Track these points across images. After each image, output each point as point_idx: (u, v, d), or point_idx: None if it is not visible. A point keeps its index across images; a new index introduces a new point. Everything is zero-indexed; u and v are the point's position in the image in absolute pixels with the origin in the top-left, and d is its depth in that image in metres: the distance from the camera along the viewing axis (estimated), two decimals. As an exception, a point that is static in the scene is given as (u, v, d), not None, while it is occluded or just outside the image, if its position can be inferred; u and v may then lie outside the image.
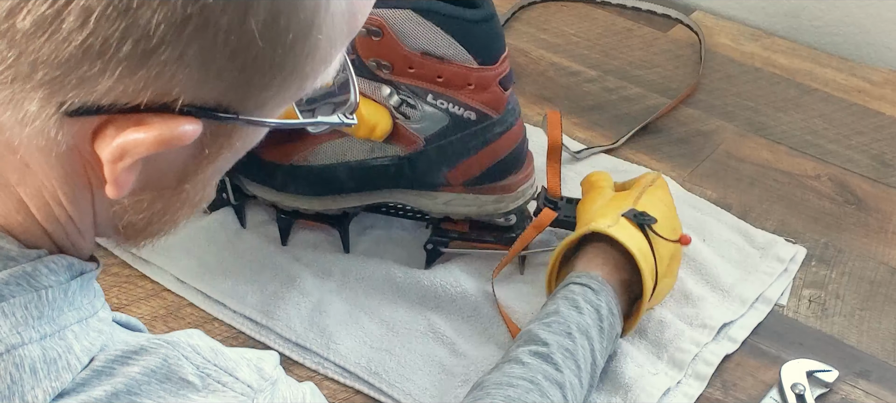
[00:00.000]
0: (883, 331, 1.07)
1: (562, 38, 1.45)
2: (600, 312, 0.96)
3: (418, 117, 1.02)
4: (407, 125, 1.03)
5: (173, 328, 1.06)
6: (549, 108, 1.32)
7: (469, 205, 1.06)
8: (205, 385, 0.63)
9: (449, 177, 1.06)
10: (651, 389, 0.99)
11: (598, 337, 0.95)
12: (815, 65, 1.41)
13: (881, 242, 1.16)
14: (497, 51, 1.01)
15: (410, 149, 1.04)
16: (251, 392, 0.64)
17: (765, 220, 1.18)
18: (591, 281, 0.97)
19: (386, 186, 1.07)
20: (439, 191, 1.07)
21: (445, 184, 1.06)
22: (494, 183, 1.06)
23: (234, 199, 1.13)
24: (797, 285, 1.11)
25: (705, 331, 1.04)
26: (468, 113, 1.02)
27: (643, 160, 1.25)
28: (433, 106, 1.02)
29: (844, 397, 1.00)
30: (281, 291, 1.08)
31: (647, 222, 1.00)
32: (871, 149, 1.28)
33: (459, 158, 1.04)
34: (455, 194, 1.06)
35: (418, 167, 1.05)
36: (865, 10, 1.43)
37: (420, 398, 0.99)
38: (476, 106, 1.02)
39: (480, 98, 1.02)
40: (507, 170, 1.06)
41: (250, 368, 0.66)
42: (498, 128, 1.04)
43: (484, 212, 1.07)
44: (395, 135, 1.03)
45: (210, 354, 0.64)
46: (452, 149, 1.04)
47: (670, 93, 1.35)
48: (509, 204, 1.07)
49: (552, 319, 0.94)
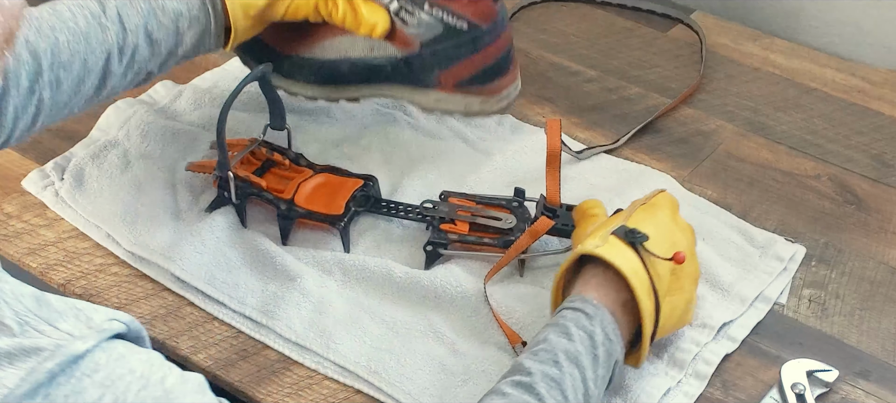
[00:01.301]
0: (883, 331, 1.07)
1: (562, 38, 1.45)
2: (594, 338, 0.91)
3: (415, 23, 1.11)
4: (404, 29, 1.12)
5: (173, 328, 1.07)
6: (550, 108, 1.32)
7: (457, 105, 1.15)
8: (22, 332, 0.65)
9: (441, 79, 1.15)
10: (651, 389, 0.99)
11: (591, 365, 0.90)
12: (815, 65, 1.41)
13: (881, 242, 1.16)
14: None
15: (406, 51, 1.14)
16: (69, 338, 0.65)
17: (765, 220, 1.18)
18: (585, 306, 0.93)
19: (384, 81, 1.16)
20: (432, 89, 1.16)
21: (438, 85, 1.15)
22: (482, 85, 1.15)
23: (235, 198, 1.13)
24: (797, 285, 1.11)
25: (705, 331, 1.04)
26: (460, 23, 1.11)
27: (643, 160, 1.25)
28: (429, 14, 1.11)
29: (844, 397, 1.00)
30: (281, 291, 1.08)
31: (638, 240, 0.95)
32: (871, 149, 1.28)
33: (451, 62, 1.13)
34: (445, 94, 1.16)
35: (413, 68, 1.14)
36: (865, 10, 1.43)
37: (420, 398, 0.99)
38: (468, 16, 1.11)
39: (472, 9, 1.11)
40: (493, 75, 1.15)
41: (78, 319, 0.67)
42: (487, 38, 1.13)
43: (470, 111, 1.16)
44: (393, 36, 1.13)
45: (33, 304, 0.66)
46: (445, 54, 1.13)
47: (670, 93, 1.35)
48: (493, 105, 1.17)
49: (540, 348, 0.90)
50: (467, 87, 1.15)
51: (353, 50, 1.16)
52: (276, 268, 1.10)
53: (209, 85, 1.34)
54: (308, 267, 1.11)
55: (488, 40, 1.13)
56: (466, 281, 1.09)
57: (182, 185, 1.19)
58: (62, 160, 1.23)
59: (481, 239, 1.10)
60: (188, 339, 1.06)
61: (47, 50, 1.02)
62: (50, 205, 1.19)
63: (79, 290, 1.10)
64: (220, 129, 1.10)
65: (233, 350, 1.05)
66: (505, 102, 1.17)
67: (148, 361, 0.70)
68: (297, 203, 1.13)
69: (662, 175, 1.22)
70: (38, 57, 1.01)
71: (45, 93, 1.02)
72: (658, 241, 0.96)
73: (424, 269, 1.10)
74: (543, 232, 1.08)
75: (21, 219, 1.18)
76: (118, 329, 0.69)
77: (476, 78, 1.15)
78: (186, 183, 1.19)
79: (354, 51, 1.16)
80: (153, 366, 0.70)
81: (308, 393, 1.01)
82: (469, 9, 1.10)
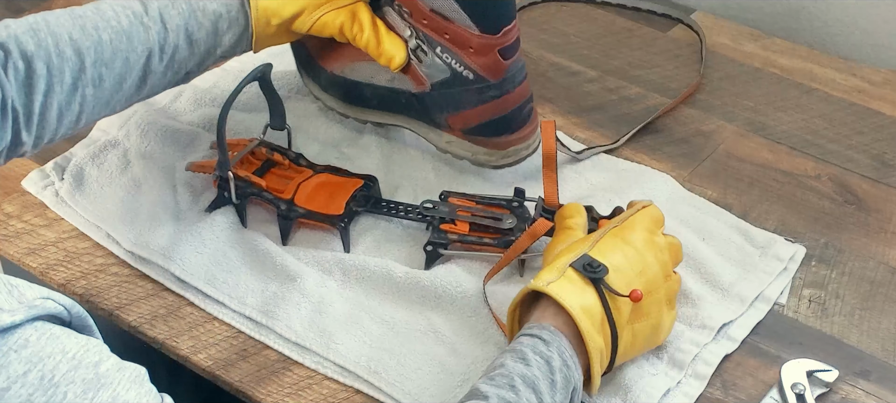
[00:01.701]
0: (883, 331, 1.07)
1: (562, 38, 1.45)
2: (551, 363, 0.90)
3: (428, 63, 1.14)
4: (419, 68, 1.14)
5: (173, 328, 1.07)
6: (550, 108, 1.32)
7: (465, 150, 1.15)
8: None
9: (450, 121, 1.16)
10: (651, 390, 0.99)
11: (549, 390, 0.89)
12: (815, 65, 1.41)
13: (881, 242, 1.16)
14: (500, 22, 1.10)
15: (419, 89, 1.16)
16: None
17: (765, 220, 1.18)
18: (542, 332, 0.92)
19: (402, 113, 1.19)
20: (443, 131, 1.17)
21: (447, 127, 1.17)
22: (488, 137, 1.16)
23: (235, 198, 1.13)
24: (797, 285, 1.11)
25: (705, 332, 1.04)
26: (467, 72, 1.12)
27: (643, 160, 1.25)
28: (440, 58, 1.13)
29: (844, 397, 1.00)
30: (281, 291, 1.08)
31: (598, 275, 0.94)
32: (871, 149, 1.28)
33: (458, 108, 1.14)
34: (455, 137, 1.17)
35: (425, 105, 1.17)
36: (865, 10, 1.43)
37: (420, 397, 0.99)
38: (474, 67, 1.11)
39: (479, 61, 1.11)
40: (501, 129, 1.15)
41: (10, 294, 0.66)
42: (492, 92, 1.13)
43: (477, 161, 1.17)
44: (409, 72, 1.16)
45: None
46: (452, 98, 1.14)
47: (670, 93, 1.35)
48: (499, 159, 1.17)
49: (496, 372, 0.89)
50: (474, 135, 1.16)
51: (376, 76, 1.19)
52: (276, 268, 1.10)
53: (209, 85, 1.34)
54: (308, 268, 1.11)
55: (494, 94, 1.13)
56: (467, 281, 1.09)
57: (182, 185, 1.19)
58: (62, 160, 1.23)
59: (481, 239, 1.10)
60: (188, 339, 1.06)
61: (91, 48, 1.04)
62: (50, 205, 1.19)
63: (79, 290, 1.10)
64: (221, 129, 1.10)
65: (233, 350, 1.05)
66: (512, 159, 1.16)
67: (84, 345, 0.69)
68: (296, 203, 1.13)
69: (662, 175, 1.22)
70: (81, 54, 1.04)
71: (88, 90, 1.05)
72: (622, 271, 0.96)
73: (424, 269, 1.10)
74: (542, 234, 1.08)
75: (21, 219, 1.18)
76: (52, 308, 0.68)
77: (483, 128, 1.15)
78: (186, 183, 1.19)
79: (378, 78, 1.19)
80: (89, 351, 0.68)
81: (308, 393, 1.01)
82: (477, 61, 1.11)
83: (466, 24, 1.09)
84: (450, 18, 1.10)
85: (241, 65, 1.38)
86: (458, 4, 1.09)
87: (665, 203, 1.17)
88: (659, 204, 1.11)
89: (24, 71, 1.00)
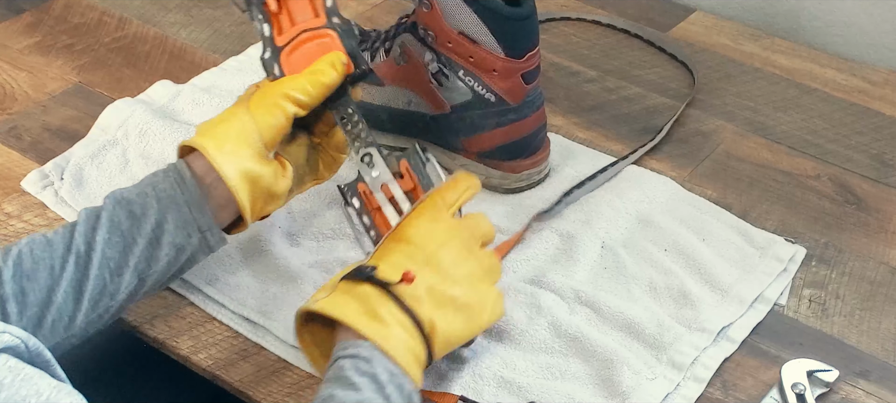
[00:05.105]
0: (883, 331, 1.07)
1: (562, 38, 1.45)
2: (378, 379, 0.86)
3: (449, 86, 1.15)
4: (439, 92, 1.16)
5: (173, 328, 1.06)
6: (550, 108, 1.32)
7: (479, 174, 1.13)
8: None
9: (465, 144, 1.18)
10: (648, 396, 0.99)
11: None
12: (815, 65, 1.41)
13: (881, 242, 1.16)
14: (525, 48, 1.13)
15: (437, 112, 1.18)
16: None
17: (765, 220, 1.18)
18: (360, 350, 0.87)
19: (417, 136, 1.18)
20: (458, 154, 1.19)
21: (462, 150, 1.19)
22: (502, 161, 1.18)
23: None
24: (797, 285, 1.11)
25: (704, 335, 1.04)
26: (489, 94, 1.15)
27: (643, 160, 1.25)
28: (462, 81, 1.15)
29: (845, 397, 1.00)
30: (281, 293, 1.08)
31: (364, 275, 0.91)
32: (871, 149, 1.28)
33: (475, 131, 1.17)
34: (469, 161, 1.19)
35: (441, 128, 1.19)
36: (865, 10, 1.43)
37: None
38: (496, 90, 1.14)
39: (502, 85, 1.14)
40: (515, 153, 1.18)
41: None
42: (512, 115, 1.15)
43: (490, 184, 1.18)
44: (428, 96, 1.17)
45: None
46: (471, 121, 1.17)
47: (670, 93, 1.35)
48: (512, 183, 1.19)
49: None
50: (489, 159, 1.18)
51: (394, 101, 1.21)
52: (278, 270, 1.10)
53: (208, 84, 1.34)
54: (310, 269, 1.10)
55: (514, 117, 1.15)
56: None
57: (182, 185, 1.19)
58: (62, 160, 1.23)
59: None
60: (188, 339, 1.05)
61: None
62: (50, 205, 1.19)
63: (78, 290, 1.10)
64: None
65: (233, 350, 1.05)
66: (523, 183, 1.19)
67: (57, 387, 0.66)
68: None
69: (662, 176, 1.22)
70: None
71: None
72: (393, 262, 0.93)
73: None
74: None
75: (21, 219, 1.18)
76: (9, 341, 0.67)
77: (499, 151, 1.17)
78: (186, 183, 1.19)
79: (395, 102, 1.21)
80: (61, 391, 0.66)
81: (308, 393, 1.01)
82: (500, 84, 1.14)
83: (493, 47, 1.12)
84: (477, 41, 1.12)
85: (239, 64, 1.38)
86: (487, 27, 1.11)
87: (665, 203, 1.17)
88: (659, 205, 1.11)
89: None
